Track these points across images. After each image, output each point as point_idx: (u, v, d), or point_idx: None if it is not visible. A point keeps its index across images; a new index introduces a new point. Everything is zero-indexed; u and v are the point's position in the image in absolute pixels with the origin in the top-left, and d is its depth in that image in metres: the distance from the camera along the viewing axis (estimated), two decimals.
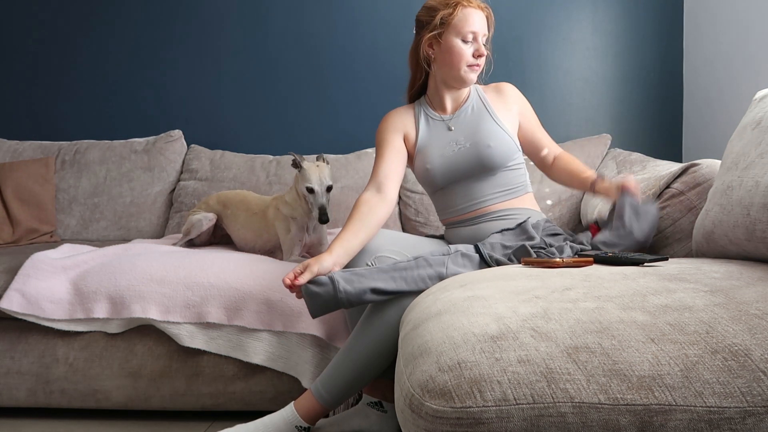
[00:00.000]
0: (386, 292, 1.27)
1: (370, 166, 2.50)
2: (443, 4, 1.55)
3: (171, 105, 2.86)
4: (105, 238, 2.52)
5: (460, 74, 1.56)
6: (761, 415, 0.66)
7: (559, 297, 0.91)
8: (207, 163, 2.60)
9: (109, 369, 1.63)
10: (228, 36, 2.84)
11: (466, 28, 1.52)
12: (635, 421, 0.67)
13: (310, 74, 2.80)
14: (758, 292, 0.87)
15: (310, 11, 2.80)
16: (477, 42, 1.55)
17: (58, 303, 1.64)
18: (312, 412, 1.32)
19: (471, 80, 1.59)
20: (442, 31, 1.54)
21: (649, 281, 0.96)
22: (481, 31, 1.54)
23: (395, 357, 1.30)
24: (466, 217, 1.59)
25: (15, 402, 1.67)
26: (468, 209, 1.58)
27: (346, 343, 1.34)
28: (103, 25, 2.87)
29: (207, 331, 1.61)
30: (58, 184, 2.58)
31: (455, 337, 0.81)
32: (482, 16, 1.56)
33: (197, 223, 2.07)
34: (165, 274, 1.66)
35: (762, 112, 1.22)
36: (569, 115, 2.74)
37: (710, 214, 1.23)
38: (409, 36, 2.29)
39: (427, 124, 1.64)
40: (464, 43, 1.54)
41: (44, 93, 2.90)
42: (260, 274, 1.66)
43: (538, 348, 0.75)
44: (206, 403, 1.64)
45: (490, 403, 0.70)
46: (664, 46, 2.69)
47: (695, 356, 0.71)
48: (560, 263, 1.17)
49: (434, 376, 0.75)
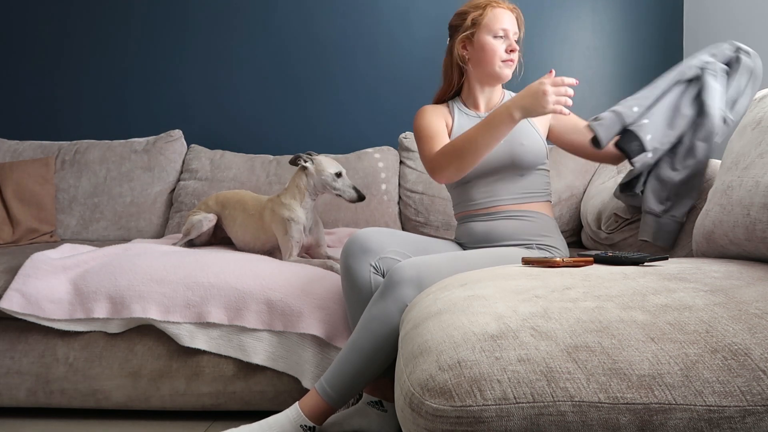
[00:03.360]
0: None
1: (371, 166, 2.50)
2: (473, 7, 1.63)
3: (171, 105, 2.86)
4: (105, 238, 2.52)
5: (495, 69, 1.62)
6: (761, 414, 0.66)
7: (559, 296, 0.91)
8: (207, 163, 2.60)
9: (109, 369, 1.63)
10: (228, 36, 2.84)
11: (497, 25, 1.59)
12: (635, 420, 0.67)
13: (311, 74, 2.81)
14: (758, 291, 0.87)
15: (312, 11, 2.81)
16: (509, 38, 1.60)
17: (58, 303, 1.64)
18: (317, 410, 1.32)
19: (506, 76, 1.63)
20: (474, 30, 1.61)
21: (649, 281, 0.96)
22: (511, 29, 1.60)
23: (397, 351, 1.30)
24: (484, 212, 1.63)
25: (15, 402, 1.67)
26: (486, 204, 1.63)
27: (348, 340, 1.34)
28: (103, 25, 2.87)
29: (207, 331, 1.61)
30: (58, 184, 2.59)
31: (455, 336, 0.81)
32: (512, 16, 1.62)
33: (198, 224, 2.07)
34: (165, 274, 1.66)
35: (762, 112, 1.22)
36: None
37: (710, 214, 1.23)
38: (411, 36, 2.32)
39: (462, 118, 1.70)
40: (496, 39, 1.59)
41: (44, 93, 2.90)
42: (260, 274, 1.66)
43: (538, 347, 0.75)
44: (206, 403, 1.64)
45: (490, 402, 0.70)
46: (664, 46, 2.70)
47: (695, 355, 0.71)
48: (560, 263, 1.17)
49: (434, 375, 0.75)
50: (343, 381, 1.31)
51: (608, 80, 2.72)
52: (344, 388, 1.31)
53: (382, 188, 2.45)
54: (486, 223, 1.62)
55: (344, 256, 1.45)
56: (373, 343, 1.29)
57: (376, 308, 1.31)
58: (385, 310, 1.29)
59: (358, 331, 1.32)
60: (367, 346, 1.30)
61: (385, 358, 1.30)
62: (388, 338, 1.29)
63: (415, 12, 2.76)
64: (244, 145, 2.77)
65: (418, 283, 1.29)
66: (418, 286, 1.29)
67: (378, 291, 1.33)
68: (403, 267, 1.32)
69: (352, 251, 1.44)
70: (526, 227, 1.58)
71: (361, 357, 1.30)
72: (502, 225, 1.59)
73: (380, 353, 1.29)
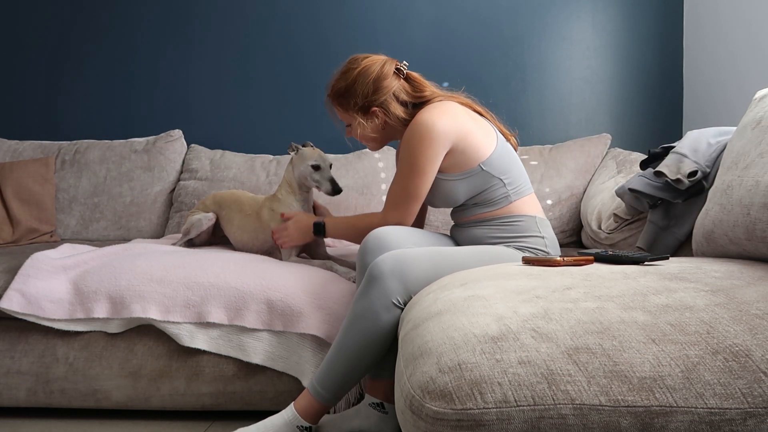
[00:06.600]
0: None
1: (371, 166, 2.50)
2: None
3: (171, 105, 2.86)
4: (105, 238, 2.52)
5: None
6: (762, 416, 0.66)
7: (560, 297, 0.90)
8: (207, 163, 2.60)
9: (109, 369, 1.63)
10: (229, 36, 2.84)
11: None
12: (636, 422, 0.67)
13: (311, 74, 2.80)
14: (759, 291, 0.87)
15: (313, 12, 2.80)
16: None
17: (58, 303, 1.64)
18: (311, 410, 1.32)
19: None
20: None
21: (649, 280, 0.96)
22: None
23: (387, 346, 1.30)
24: (463, 221, 1.66)
25: (15, 402, 1.67)
26: (462, 216, 1.66)
27: (336, 339, 1.34)
28: (103, 25, 2.87)
29: (207, 330, 1.61)
30: (58, 183, 2.58)
31: (455, 338, 0.81)
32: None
33: (197, 223, 2.06)
34: (165, 274, 1.65)
35: (762, 111, 1.22)
36: (569, 115, 2.74)
37: (710, 214, 1.23)
38: (409, 35, 2.31)
39: None
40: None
41: (44, 93, 2.90)
42: (260, 274, 1.66)
43: (539, 349, 0.75)
44: (206, 403, 1.64)
45: (490, 405, 0.69)
46: (664, 46, 2.69)
47: (696, 357, 0.71)
48: (561, 262, 1.17)
49: (434, 377, 0.75)
50: (334, 380, 1.31)
51: (608, 80, 2.72)
52: (336, 387, 1.31)
53: (382, 188, 2.45)
54: (462, 230, 1.66)
55: (361, 254, 1.45)
56: (360, 340, 1.29)
57: (360, 305, 1.30)
58: (369, 306, 1.29)
59: (344, 329, 1.32)
60: (355, 345, 1.29)
61: (375, 355, 1.30)
62: (375, 334, 1.28)
63: (413, 14, 2.76)
64: (244, 145, 2.76)
65: (400, 276, 1.28)
66: (400, 278, 1.28)
67: (360, 287, 1.33)
68: (384, 260, 1.31)
69: (370, 248, 1.44)
70: (494, 232, 1.58)
71: (350, 355, 1.30)
72: (472, 232, 1.62)
73: (368, 350, 1.29)
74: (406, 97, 1.63)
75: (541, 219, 1.61)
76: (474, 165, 1.54)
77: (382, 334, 1.28)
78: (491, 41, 2.74)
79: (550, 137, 2.71)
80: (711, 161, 1.46)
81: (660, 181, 1.53)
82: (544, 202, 2.29)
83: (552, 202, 2.30)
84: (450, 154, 1.54)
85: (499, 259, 1.46)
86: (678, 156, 1.50)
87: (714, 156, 1.47)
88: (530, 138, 2.71)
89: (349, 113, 1.65)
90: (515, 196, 1.58)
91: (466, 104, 1.65)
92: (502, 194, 1.57)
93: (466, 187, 1.57)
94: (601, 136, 2.50)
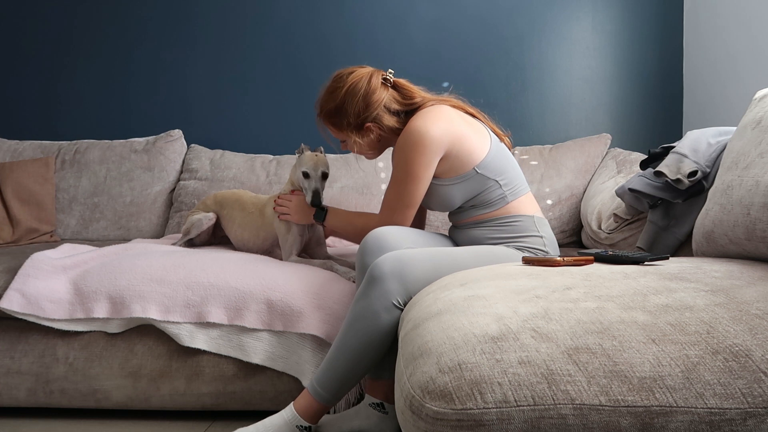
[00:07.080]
0: None
1: (371, 166, 2.50)
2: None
3: (171, 105, 2.86)
4: (105, 237, 2.52)
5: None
6: (762, 416, 0.66)
7: (560, 297, 0.90)
8: (207, 163, 2.60)
9: (109, 369, 1.63)
10: (229, 36, 2.83)
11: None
12: (636, 422, 0.67)
13: (311, 74, 2.80)
14: (759, 291, 0.87)
15: (312, 12, 2.80)
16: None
17: (58, 303, 1.64)
18: (311, 410, 1.32)
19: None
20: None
21: (649, 280, 0.96)
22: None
23: (387, 347, 1.30)
24: (461, 223, 1.66)
25: (15, 402, 1.67)
26: (460, 219, 1.65)
27: (336, 339, 1.34)
28: (103, 25, 2.87)
29: (207, 330, 1.61)
30: (58, 183, 2.58)
31: (455, 338, 0.81)
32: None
33: (197, 223, 2.06)
34: (165, 274, 1.65)
35: (762, 111, 1.22)
36: (569, 115, 2.74)
37: (710, 214, 1.23)
38: (409, 36, 2.31)
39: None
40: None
41: (44, 93, 2.89)
42: (261, 274, 1.66)
43: (539, 349, 0.75)
44: (206, 402, 1.64)
45: (490, 405, 0.69)
46: (664, 46, 2.69)
47: (696, 357, 0.71)
48: (561, 262, 1.17)
49: (434, 377, 0.75)
50: (334, 380, 1.31)
51: (608, 80, 2.72)
52: (335, 387, 1.31)
53: (382, 188, 2.45)
54: (460, 231, 1.66)
55: (360, 254, 1.45)
56: (360, 341, 1.29)
57: (360, 306, 1.31)
58: (370, 307, 1.29)
59: (345, 330, 1.32)
60: (355, 345, 1.29)
61: (375, 355, 1.30)
62: (375, 335, 1.28)
63: (413, 15, 2.76)
64: (243, 145, 2.76)
65: (401, 276, 1.28)
66: (400, 279, 1.28)
67: (360, 288, 1.33)
68: (384, 261, 1.31)
69: (370, 249, 1.44)
70: (493, 233, 1.58)
71: (350, 356, 1.30)
72: (470, 233, 1.62)
73: (368, 351, 1.29)
74: (397, 106, 1.62)
75: (539, 218, 1.61)
76: (469, 168, 1.55)
77: (382, 335, 1.28)
78: (491, 41, 2.74)
79: (550, 137, 2.71)
80: (711, 161, 1.46)
81: (660, 181, 1.54)
82: (544, 202, 2.29)
83: (552, 202, 2.30)
84: (444, 160, 1.54)
85: (499, 259, 1.46)
86: (678, 156, 1.50)
87: (714, 156, 1.47)
88: (530, 138, 2.71)
89: (343, 132, 1.64)
90: (512, 197, 1.58)
91: (457, 106, 1.64)
92: (498, 195, 1.57)
93: (462, 190, 1.57)
94: (601, 136, 2.50)
